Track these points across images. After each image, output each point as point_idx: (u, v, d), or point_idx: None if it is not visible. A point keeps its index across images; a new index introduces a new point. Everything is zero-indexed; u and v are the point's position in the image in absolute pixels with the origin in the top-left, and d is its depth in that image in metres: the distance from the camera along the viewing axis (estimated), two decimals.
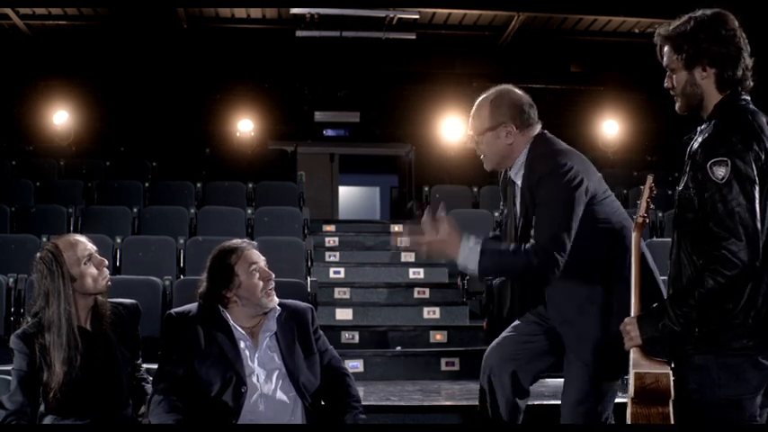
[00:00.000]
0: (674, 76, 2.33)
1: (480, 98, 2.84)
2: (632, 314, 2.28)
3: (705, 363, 2.18)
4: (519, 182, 2.80)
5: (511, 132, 2.76)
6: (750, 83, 2.30)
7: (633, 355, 2.25)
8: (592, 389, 2.70)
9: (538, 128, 2.82)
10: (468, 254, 2.65)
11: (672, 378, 2.21)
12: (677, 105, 2.36)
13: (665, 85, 2.37)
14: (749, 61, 2.28)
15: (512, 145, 2.78)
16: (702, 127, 2.29)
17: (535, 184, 2.69)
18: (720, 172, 2.11)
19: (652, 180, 2.38)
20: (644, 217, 2.37)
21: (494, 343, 2.94)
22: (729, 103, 2.27)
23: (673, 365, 2.25)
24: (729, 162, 2.11)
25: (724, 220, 2.10)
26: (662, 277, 2.74)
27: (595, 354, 2.66)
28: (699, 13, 2.29)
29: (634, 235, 2.38)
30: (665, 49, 2.34)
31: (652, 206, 2.42)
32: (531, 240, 2.66)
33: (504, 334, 2.95)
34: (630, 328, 2.25)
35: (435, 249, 2.71)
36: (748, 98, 2.29)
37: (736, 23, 2.28)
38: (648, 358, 2.24)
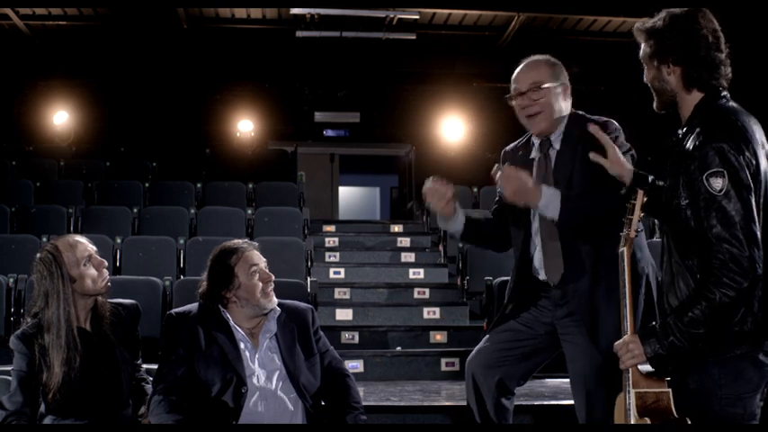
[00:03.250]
0: (645, 70, 2.36)
1: (531, 59, 2.91)
2: (627, 331, 2.23)
3: (706, 365, 2.17)
4: (558, 147, 2.82)
5: (567, 94, 2.84)
6: (723, 82, 2.27)
7: (631, 374, 2.21)
8: (606, 379, 2.67)
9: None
10: (550, 198, 2.64)
11: (671, 394, 2.18)
12: (654, 104, 2.37)
13: (644, 79, 2.39)
14: (722, 59, 2.26)
15: (563, 106, 2.83)
16: (684, 130, 2.27)
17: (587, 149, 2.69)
18: (717, 184, 2.10)
19: (644, 194, 2.33)
20: (637, 232, 2.31)
21: (475, 350, 2.93)
22: (710, 106, 2.25)
23: (670, 369, 2.23)
24: (726, 173, 2.10)
25: (725, 232, 2.08)
26: None
27: (609, 329, 2.64)
28: (676, 10, 2.29)
29: (625, 250, 2.29)
30: (641, 44, 2.36)
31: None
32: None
33: (486, 340, 2.93)
34: (633, 346, 2.19)
35: (520, 190, 2.66)
36: (727, 95, 2.28)
37: (712, 23, 2.27)
38: (645, 377, 2.21)
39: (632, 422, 2.20)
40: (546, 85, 2.81)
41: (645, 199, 2.31)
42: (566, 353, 2.83)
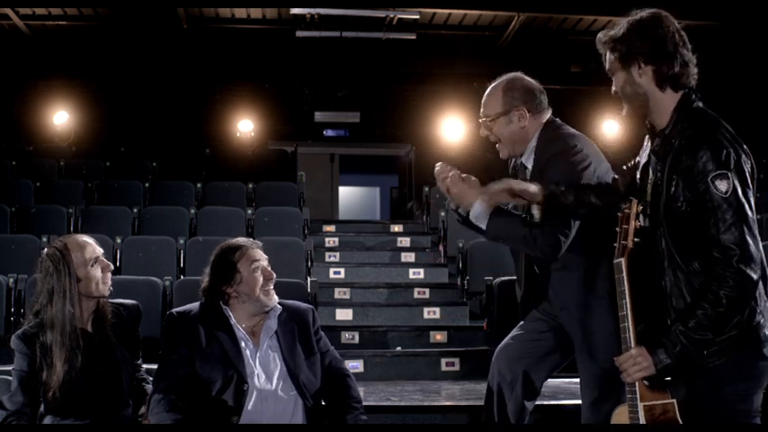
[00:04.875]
0: (614, 79, 2.35)
1: (492, 84, 2.86)
2: (631, 344, 2.20)
3: (714, 364, 2.16)
4: (530, 166, 2.82)
5: (524, 116, 2.79)
6: (693, 80, 2.28)
7: (638, 386, 2.19)
8: (605, 383, 2.68)
9: (548, 113, 2.85)
10: (482, 209, 2.68)
11: (676, 404, 2.17)
12: (624, 110, 2.36)
13: (612, 91, 2.38)
14: (690, 57, 2.27)
15: (525, 129, 2.81)
16: (667, 133, 2.26)
17: (544, 165, 2.71)
18: (723, 186, 2.10)
19: (637, 203, 2.29)
20: (635, 242, 2.25)
21: (501, 344, 2.94)
22: (690, 108, 2.25)
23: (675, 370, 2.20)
24: (729, 174, 2.11)
25: (735, 232, 2.09)
26: None
27: (599, 341, 2.66)
28: (635, 15, 2.31)
29: (623, 262, 2.25)
30: (606, 54, 2.36)
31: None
32: None
33: (510, 334, 2.95)
34: (642, 359, 2.17)
35: (457, 190, 2.71)
36: (699, 95, 2.28)
37: (673, 22, 2.29)
38: (650, 389, 2.19)
39: None
40: (492, 119, 2.82)
41: (640, 208, 2.28)
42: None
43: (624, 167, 2.56)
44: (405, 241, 8.23)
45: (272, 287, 2.83)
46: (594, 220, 2.67)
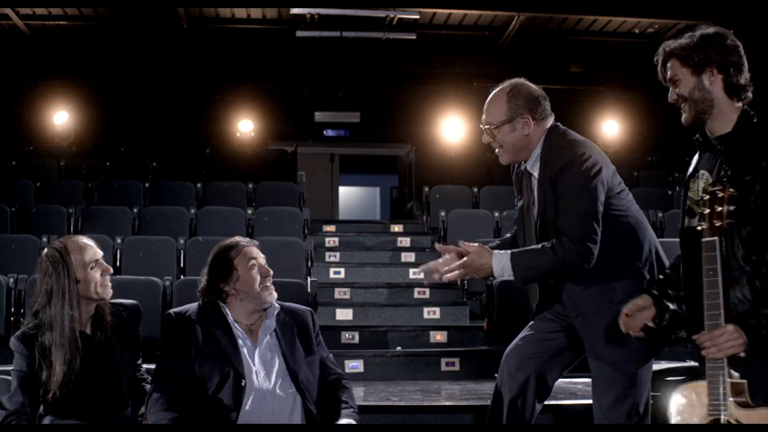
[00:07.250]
0: (679, 87, 2.42)
1: (495, 90, 2.85)
2: (722, 320, 2.20)
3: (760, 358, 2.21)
4: (535, 173, 2.81)
5: (528, 124, 2.79)
6: (750, 95, 2.41)
7: (726, 364, 2.20)
8: (621, 385, 2.69)
9: (551, 120, 2.85)
10: (501, 262, 2.68)
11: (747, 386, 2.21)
12: (685, 116, 2.43)
13: (670, 99, 2.45)
14: (748, 74, 2.40)
15: (528, 136, 2.80)
16: (733, 135, 2.34)
17: (555, 175, 2.71)
18: None
19: (729, 186, 2.29)
20: (728, 223, 2.24)
21: (511, 345, 2.93)
22: (755, 121, 2.37)
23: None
24: None
25: None
26: None
27: (614, 346, 2.66)
28: (701, 30, 2.43)
29: (717, 241, 2.22)
30: (671, 63, 2.44)
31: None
32: (561, 236, 2.65)
33: (521, 334, 2.94)
34: (738, 335, 2.19)
35: (471, 268, 2.71)
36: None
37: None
38: (747, 404, 2.20)
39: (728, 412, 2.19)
40: (496, 126, 2.81)
41: (731, 191, 2.27)
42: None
43: None
44: (405, 241, 8.23)
45: (270, 283, 2.84)
46: (608, 227, 2.68)
